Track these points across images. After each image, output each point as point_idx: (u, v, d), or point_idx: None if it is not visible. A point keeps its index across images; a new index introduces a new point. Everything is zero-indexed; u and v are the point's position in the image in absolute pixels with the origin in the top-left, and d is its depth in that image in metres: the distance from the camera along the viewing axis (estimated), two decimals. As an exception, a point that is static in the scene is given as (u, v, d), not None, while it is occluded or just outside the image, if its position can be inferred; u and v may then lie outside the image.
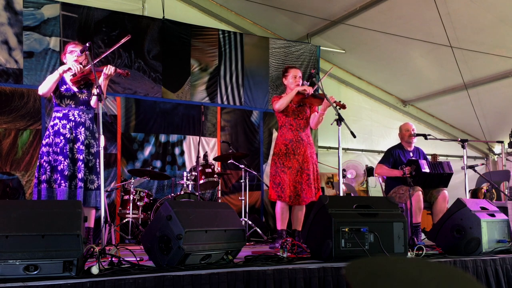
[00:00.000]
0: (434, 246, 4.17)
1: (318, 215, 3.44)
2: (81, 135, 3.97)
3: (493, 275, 3.51)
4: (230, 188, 7.04)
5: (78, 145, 3.95)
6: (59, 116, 3.99)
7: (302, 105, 4.68)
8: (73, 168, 3.91)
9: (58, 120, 3.98)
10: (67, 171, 3.87)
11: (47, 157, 3.91)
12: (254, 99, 7.43)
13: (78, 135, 3.96)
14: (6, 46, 5.93)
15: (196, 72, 7.07)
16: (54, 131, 3.95)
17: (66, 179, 3.86)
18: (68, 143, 3.92)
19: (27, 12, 6.04)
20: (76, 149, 3.94)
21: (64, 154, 3.89)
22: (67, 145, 3.91)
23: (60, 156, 3.89)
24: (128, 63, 6.54)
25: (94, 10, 6.42)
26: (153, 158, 6.64)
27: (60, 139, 3.92)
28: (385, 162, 5.38)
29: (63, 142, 3.91)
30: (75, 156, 3.93)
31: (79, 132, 3.97)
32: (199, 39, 7.10)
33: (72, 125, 3.97)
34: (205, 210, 3.22)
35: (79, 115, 4.01)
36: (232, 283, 2.70)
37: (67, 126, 3.95)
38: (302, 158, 4.57)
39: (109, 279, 2.45)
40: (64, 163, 3.87)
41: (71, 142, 3.94)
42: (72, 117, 3.99)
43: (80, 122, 4.00)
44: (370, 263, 0.81)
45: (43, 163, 3.91)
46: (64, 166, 3.87)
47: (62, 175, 3.85)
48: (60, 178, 3.85)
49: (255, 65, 7.50)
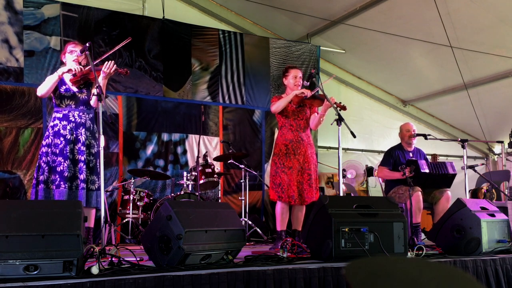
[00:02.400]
0: (434, 246, 4.17)
1: (318, 215, 3.44)
2: (82, 136, 3.97)
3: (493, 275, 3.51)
4: (233, 187, 7.04)
5: (79, 146, 3.94)
6: (59, 117, 3.98)
7: (302, 105, 4.68)
8: (73, 169, 3.90)
9: (58, 121, 3.96)
10: (67, 172, 3.85)
11: (46, 158, 3.90)
12: (256, 98, 7.43)
13: (78, 136, 3.95)
14: (6, 44, 5.93)
15: (197, 71, 7.07)
16: (54, 132, 3.94)
17: (66, 180, 3.85)
18: (69, 144, 3.91)
19: (27, 12, 6.04)
20: (77, 150, 3.93)
21: (64, 155, 3.88)
22: (68, 146, 3.90)
23: (59, 157, 3.87)
24: (129, 62, 6.54)
25: (94, 10, 6.42)
26: (156, 157, 6.65)
27: (60, 140, 3.91)
28: (386, 164, 5.38)
29: (63, 143, 3.90)
30: (75, 157, 3.92)
31: (79, 133, 3.96)
32: (199, 39, 7.11)
33: (72, 126, 3.96)
34: (205, 210, 3.22)
35: (79, 115, 4.00)
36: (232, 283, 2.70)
37: (67, 127, 3.94)
38: (302, 158, 4.57)
39: (109, 279, 2.45)
40: (64, 164, 3.86)
41: (72, 143, 3.93)
42: (72, 118, 3.98)
43: (80, 123, 3.99)
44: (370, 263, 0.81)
45: (42, 163, 3.91)
46: (64, 167, 3.86)
47: (61, 176, 3.84)
48: (59, 179, 3.84)
49: (256, 65, 7.51)
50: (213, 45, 7.20)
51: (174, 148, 6.78)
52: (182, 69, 6.96)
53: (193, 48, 7.05)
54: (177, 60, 6.93)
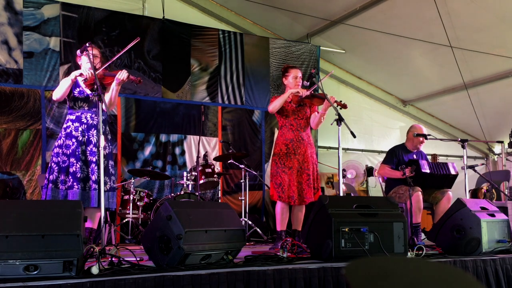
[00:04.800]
0: (434, 246, 4.17)
1: (318, 215, 3.44)
2: (93, 137, 3.99)
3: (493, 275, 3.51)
4: (233, 188, 7.04)
5: (90, 147, 3.97)
6: (72, 118, 4.01)
7: (302, 105, 4.68)
8: (86, 170, 3.92)
9: (71, 122, 4.00)
10: (79, 173, 3.88)
11: (56, 158, 3.93)
12: (256, 98, 7.43)
13: (90, 137, 3.98)
14: (6, 46, 5.93)
15: (196, 72, 7.07)
16: (66, 133, 3.97)
17: (79, 181, 3.87)
18: (81, 145, 3.94)
19: (27, 12, 6.04)
20: (88, 151, 3.96)
21: (77, 157, 3.90)
22: (79, 147, 3.93)
23: (72, 158, 3.89)
24: (128, 63, 6.54)
25: (94, 10, 6.42)
26: (154, 158, 6.65)
27: (72, 141, 3.93)
28: (389, 163, 5.36)
29: (75, 144, 3.93)
30: (87, 158, 3.95)
31: (91, 134, 3.99)
32: (199, 39, 7.11)
33: (84, 127, 3.98)
34: (205, 210, 3.22)
35: (91, 117, 4.03)
36: (232, 283, 2.70)
37: (79, 129, 3.97)
38: (302, 158, 4.56)
39: (109, 279, 2.45)
40: (77, 165, 3.89)
41: (84, 145, 3.96)
42: (84, 119, 4.01)
43: (92, 125, 4.02)
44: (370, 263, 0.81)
45: (52, 164, 3.93)
46: (76, 168, 3.88)
47: (74, 177, 3.86)
48: (72, 180, 3.86)
49: (255, 65, 7.51)
50: (213, 45, 7.20)
51: (173, 149, 6.78)
52: (181, 69, 6.96)
53: (193, 48, 7.05)
54: (177, 61, 6.93)
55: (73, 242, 2.51)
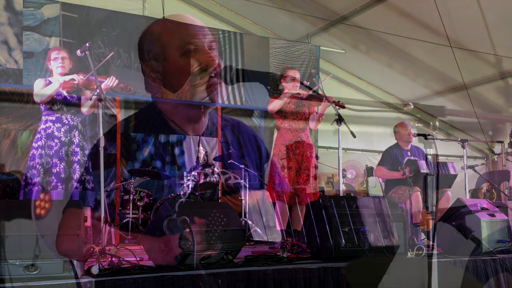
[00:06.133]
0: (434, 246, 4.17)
1: (318, 215, 3.44)
2: (76, 138, 4.06)
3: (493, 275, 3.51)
4: (232, 188, 7.03)
5: (73, 147, 4.02)
6: (52, 119, 4.06)
7: (301, 105, 4.68)
8: (68, 170, 3.96)
9: (51, 123, 4.04)
10: (63, 174, 3.93)
11: (40, 160, 3.95)
12: (255, 98, 7.42)
13: (72, 138, 4.04)
14: (6, 46, 5.93)
15: (196, 72, 7.06)
16: (47, 134, 4.01)
17: (63, 182, 3.92)
18: (63, 146, 3.97)
19: (27, 12, 6.04)
20: (71, 152, 4.01)
21: (60, 157, 3.96)
22: (63, 148, 3.97)
23: (55, 159, 3.94)
24: (128, 64, 6.53)
25: (94, 10, 6.41)
26: (153, 158, 6.64)
27: (55, 142, 3.98)
28: (385, 164, 5.37)
29: (58, 145, 3.98)
30: (70, 158, 3.99)
31: (73, 135, 4.06)
32: (199, 39, 7.09)
33: (66, 128, 4.05)
34: (205, 210, 3.22)
35: (72, 118, 4.11)
36: (232, 283, 2.70)
37: (61, 130, 4.02)
38: (301, 158, 4.57)
39: (109, 279, 2.45)
40: (60, 166, 3.94)
41: (66, 145, 3.99)
42: (65, 120, 4.07)
43: (73, 125, 4.10)
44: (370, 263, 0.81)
45: (36, 165, 3.95)
46: (60, 168, 3.93)
47: (58, 177, 3.91)
48: (56, 180, 3.90)
49: (255, 65, 7.49)
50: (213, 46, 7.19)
51: (172, 149, 6.77)
52: (181, 69, 6.95)
53: (193, 48, 7.04)
54: (176, 61, 6.92)
55: (73, 242, 2.50)
